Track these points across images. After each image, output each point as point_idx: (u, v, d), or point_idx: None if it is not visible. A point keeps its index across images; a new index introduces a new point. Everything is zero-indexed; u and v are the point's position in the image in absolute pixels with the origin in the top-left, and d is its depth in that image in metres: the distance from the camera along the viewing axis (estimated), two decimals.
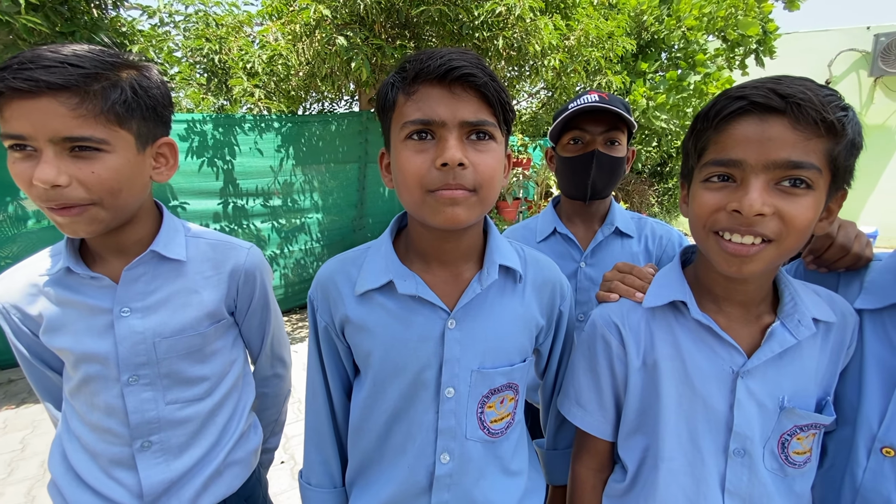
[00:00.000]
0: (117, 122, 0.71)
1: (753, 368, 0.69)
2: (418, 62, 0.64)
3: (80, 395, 0.84)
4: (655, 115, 5.62)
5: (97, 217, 0.72)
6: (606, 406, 0.80)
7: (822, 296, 0.73)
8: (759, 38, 6.03)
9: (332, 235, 4.90)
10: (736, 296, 0.71)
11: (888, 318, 0.71)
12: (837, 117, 0.57)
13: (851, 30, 7.76)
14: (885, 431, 0.68)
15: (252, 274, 0.95)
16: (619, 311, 0.79)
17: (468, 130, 0.65)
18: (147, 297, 0.83)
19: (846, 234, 0.77)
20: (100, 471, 0.84)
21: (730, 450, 0.69)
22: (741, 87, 0.62)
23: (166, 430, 0.85)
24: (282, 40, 3.36)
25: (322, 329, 0.81)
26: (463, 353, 0.74)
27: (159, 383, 0.84)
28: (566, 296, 0.87)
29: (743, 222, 0.60)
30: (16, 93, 0.63)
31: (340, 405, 0.85)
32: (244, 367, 1.00)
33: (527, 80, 4.23)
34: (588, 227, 1.23)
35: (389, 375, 0.75)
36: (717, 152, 0.62)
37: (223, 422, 0.92)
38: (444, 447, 0.75)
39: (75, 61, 0.66)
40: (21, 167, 0.67)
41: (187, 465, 0.87)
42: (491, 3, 3.07)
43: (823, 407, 0.70)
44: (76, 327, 0.80)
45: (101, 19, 3.49)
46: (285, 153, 4.26)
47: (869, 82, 7.73)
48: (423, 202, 0.66)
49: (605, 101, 1.09)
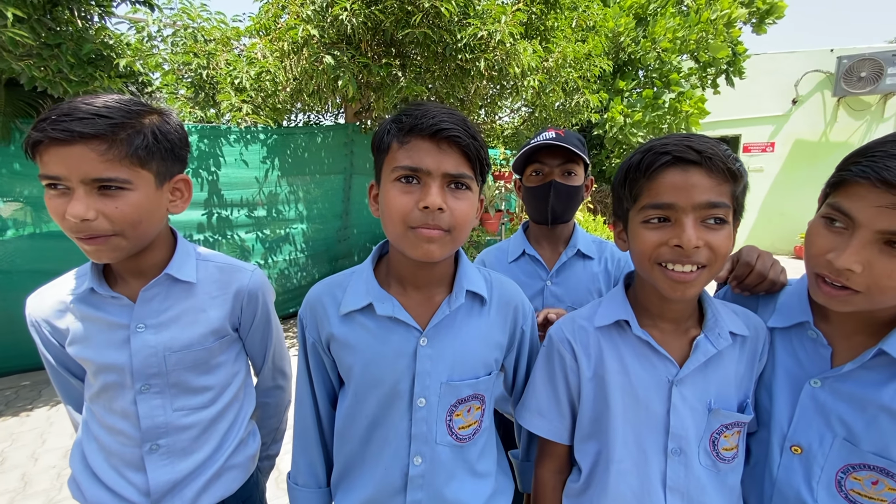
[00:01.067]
0: (139, 163, 0.81)
1: (685, 377, 0.80)
2: (413, 118, 0.75)
3: (99, 401, 0.94)
4: (632, 132, 5.84)
5: (119, 245, 0.82)
6: (564, 413, 0.90)
7: (739, 314, 0.86)
8: (729, 59, 6.33)
9: (316, 245, 4.93)
10: (669, 314, 0.84)
11: (794, 335, 0.83)
12: (737, 167, 0.73)
13: (816, 52, 8.16)
14: (793, 432, 0.79)
15: (255, 294, 1.04)
16: (572, 328, 0.90)
17: (449, 180, 0.76)
18: (160, 314, 0.93)
19: (763, 263, 0.91)
20: (113, 470, 0.93)
21: (668, 449, 0.80)
22: (663, 143, 0.75)
23: (173, 434, 0.94)
24: (269, 57, 3.42)
25: (310, 345, 0.91)
26: (433, 367, 0.84)
27: (168, 392, 0.94)
28: (528, 316, 0.98)
29: (683, 254, 0.73)
30: (54, 141, 0.74)
31: (325, 413, 0.95)
32: (246, 378, 1.09)
33: (508, 98, 4.38)
34: (553, 249, 1.36)
35: (369, 387, 0.85)
36: (652, 197, 0.75)
37: (225, 428, 1.01)
38: (417, 451, 0.84)
39: (105, 112, 0.77)
40: (56, 203, 0.77)
41: (191, 467, 0.95)
42: (473, 28, 3.20)
43: (744, 408, 0.83)
44: (97, 340, 0.91)
45: (86, 30, 3.51)
46: (271, 164, 4.31)
47: (833, 102, 8.13)
48: (404, 236, 0.77)
49: (561, 137, 1.24)
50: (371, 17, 3.19)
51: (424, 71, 3.79)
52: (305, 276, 4.89)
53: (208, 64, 3.50)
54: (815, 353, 0.79)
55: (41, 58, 3.06)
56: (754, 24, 6.68)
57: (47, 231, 3.50)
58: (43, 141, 0.74)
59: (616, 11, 5.97)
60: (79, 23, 3.45)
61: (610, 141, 6.15)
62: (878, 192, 0.63)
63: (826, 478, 0.75)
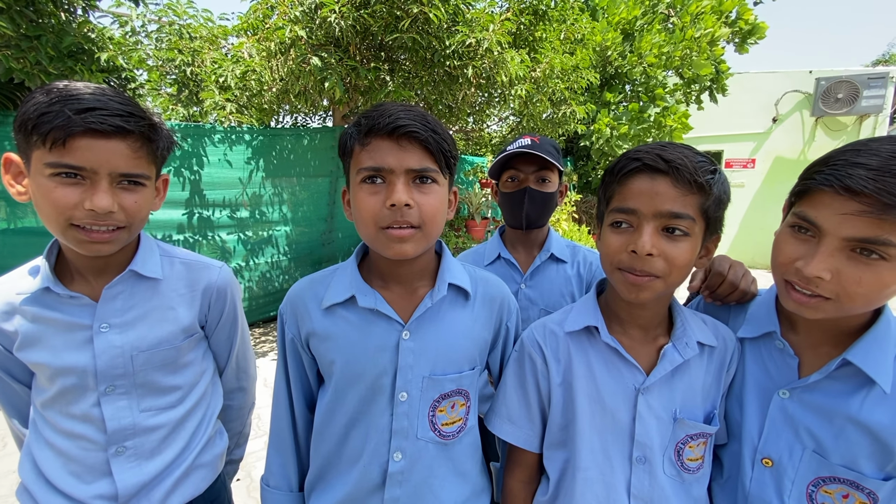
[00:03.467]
0: (154, 162, 0.86)
1: (651, 385, 0.80)
2: (371, 119, 0.76)
3: (54, 406, 0.89)
4: (618, 144, 5.93)
5: (121, 239, 0.83)
6: (535, 420, 0.89)
7: (708, 324, 0.86)
8: (712, 76, 6.49)
9: (299, 248, 4.87)
10: (637, 320, 0.84)
11: (762, 346, 0.83)
12: (706, 179, 0.72)
13: (795, 73, 8.40)
14: (764, 444, 0.78)
15: (223, 291, 1.03)
16: (543, 332, 0.90)
17: (413, 176, 0.77)
18: (125, 313, 0.89)
19: (735, 273, 0.91)
20: (72, 476, 0.88)
21: (633, 457, 0.80)
22: (637, 150, 0.76)
23: (140, 435, 0.91)
24: (256, 56, 3.40)
25: (289, 341, 0.89)
26: (416, 360, 0.83)
27: (134, 392, 0.90)
28: (512, 312, 0.97)
29: (637, 262, 0.73)
30: (89, 132, 0.74)
31: (301, 413, 0.93)
32: (213, 376, 1.07)
33: (496, 106, 4.41)
34: (528, 252, 1.38)
35: (350, 381, 0.84)
36: (620, 201, 0.76)
37: (192, 427, 0.98)
38: (398, 446, 0.83)
39: (138, 112, 0.80)
40: (65, 192, 0.75)
41: (159, 468, 0.92)
42: (461, 35, 3.22)
43: (711, 419, 0.82)
44: (53, 342, 0.86)
45: (68, 23, 3.44)
46: (255, 165, 4.25)
47: (811, 121, 8.37)
48: (376, 237, 0.78)
49: (536, 144, 1.26)
50: (360, 21, 3.18)
51: (413, 76, 3.80)
52: (287, 279, 4.82)
53: (193, 61, 3.46)
54: (782, 364, 0.79)
55: (19, 49, 2.99)
56: (737, 43, 6.85)
57: (22, 227, 3.40)
58: (76, 130, 0.73)
59: (604, 26, 6.08)
60: (62, 15, 3.39)
61: (596, 152, 6.23)
62: (841, 200, 0.64)
63: (797, 491, 0.74)
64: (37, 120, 0.72)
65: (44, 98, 0.73)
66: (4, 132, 3.30)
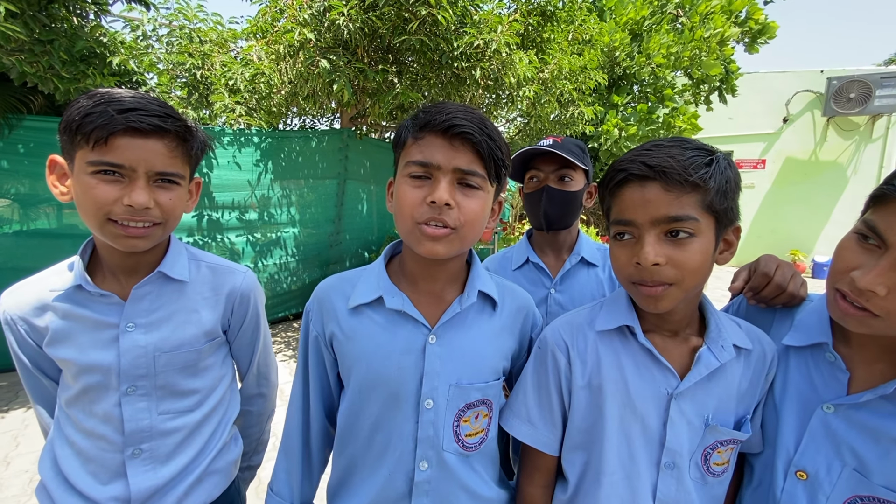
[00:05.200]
0: (188, 162, 0.89)
1: (685, 390, 0.76)
2: (429, 114, 0.76)
3: (78, 404, 0.90)
4: (626, 146, 5.88)
5: (154, 236, 0.85)
6: (556, 422, 0.86)
7: (743, 327, 0.82)
8: (721, 76, 6.42)
9: (307, 250, 4.89)
10: (666, 323, 0.81)
11: (810, 356, 0.79)
12: (699, 176, 0.68)
13: (806, 73, 8.32)
14: (800, 457, 0.75)
15: (247, 296, 1.03)
16: (570, 330, 0.86)
17: (459, 177, 0.76)
18: (151, 313, 0.91)
19: (782, 274, 0.86)
20: (90, 476, 0.89)
21: (661, 463, 0.77)
22: (622, 159, 0.74)
23: (157, 438, 0.91)
24: (265, 59, 3.42)
25: (312, 338, 0.88)
26: (442, 366, 0.81)
27: (154, 394, 0.91)
28: (538, 324, 0.96)
29: (646, 274, 0.70)
30: (129, 131, 0.77)
31: (317, 417, 0.91)
32: (232, 383, 1.07)
33: (504, 108, 4.40)
34: (557, 256, 1.33)
35: (373, 384, 0.82)
36: (617, 214, 0.75)
37: (209, 433, 0.98)
38: (423, 455, 0.81)
39: (174, 113, 0.84)
40: (106, 189, 0.79)
41: (173, 473, 0.92)
42: (469, 37, 3.21)
43: (742, 424, 0.79)
44: (81, 340, 0.87)
45: (81, 28, 3.48)
46: (264, 167, 4.28)
47: (822, 121, 8.27)
48: (411, 231, 0.77)
49: (557, 144, 1.23)
50: (368, 23, 3.19)
51: (420, 78, 3.80)
52: (296, 280, 4.84)
53: (203, 65, 3.48)
54: (831, 378, 0.75)
55: (32, 53, 3.03)
56: (747, 43, 6.78)
57: (34, 229, 3.44)
58: (118, 129, 0.76)
59: (612, 26, 6.04)
60: (74, 20, 3.43)
61: (605, 154, 6.19)
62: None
63: None
64: (81, 120, 0.76)
65: (88, 102, 0.77)
66: (19, 135, 3.34)
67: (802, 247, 8.51)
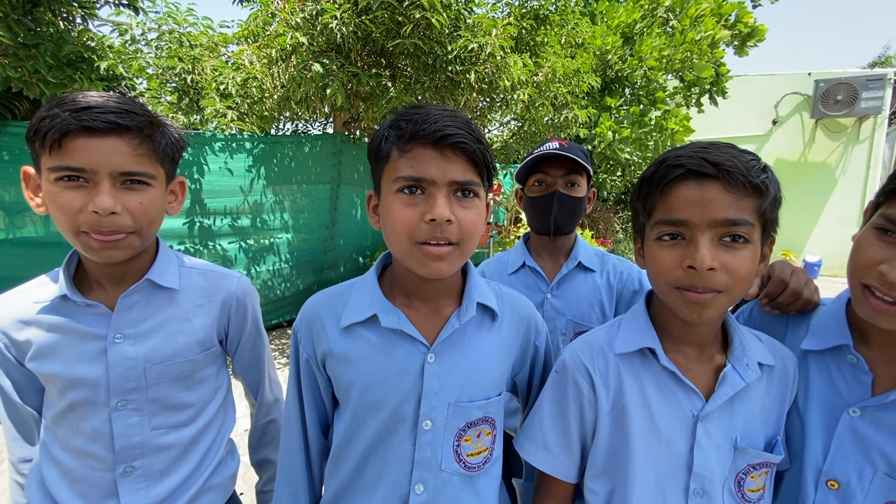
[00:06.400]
0: (159, 161, 0.83)
1: (711, 412, 0.73)
2: (414, 123, 0.69)
3: (64, 421, 0.86)
4: (620, 148, 5.90)
5: (131, 244, 0.80)
6: (573, 449, 0.82)
7: (765, 341, 0.80)
8: (712, 79, 6.48)
9: (301, 256, 4.83)
10: (692, 338, 0.77)
11: (830, 359, 0.77)
12: (761, 180, 0.65)
13: (795, 75, 8.42)
14: (830, 465, 0.73)
15: (243, 301, 1.00)
16: (590, 354, 0.82)
17: (455, 188, 0.71)
18: (140, 323, 0.87)
19: (797, 280, 0.85)
20: (79, 498, 0.85)
21: (690, 490, 0.73)
22: (677, 154, 0.69)
23: (149, 455, 0.88)
24: (257, 63, 3.37)
25: (304, 361, 0.83)
26: (441, 386, 0.77)
27: (146, 408, 0.87)
28: (541, 331, 0.92)
29: (696, 277, 0.66)
30: (84, 131, 0.72)
31: (315, 439, 0.87)
32: (227, 395, 1.03)
33: (498, 111, 4.39)
34: (554, 261, 1.32)
35: (370, 408, 0.78)
36: (666, 213, 0.69)
37: (204, 448, 0.94)
38: (419, 478, 0.77)
39: (136, 109, 0.78)
40: (70, 196, 0.74)
41: (167, 491, 0.88)
42: (464, 41, 3.20)
43: (773, 446, 0.76)
44: (66, 353, 0.83)
45: (67, 32, 3.41)
46: (256, 173, 4.22)
47: (811, 123, 8.38)
48: (410, 252, 0.71)
49: (565, 148, 1.21)
50: (361, 27, 3.16)
51: (414, 82, 3.77)
52: (289, 286, 4.78)
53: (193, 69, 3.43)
54: (853, 380, 0.74)
55: (17, 58, 2.96)
56: (736, 46, 6.86)
57: (20, 237, 3.36)
58: (72, 130, 0.72)
59: (604, 30, 6.08)
60: (60, 24, 3.37)
61: (598, 156, 6.21)
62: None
63: None
64: (37, 125, 0.73)
65: (46, 106, 0.74)
66: (3, 142, 3.26)
67: (794, 247, 8.59)
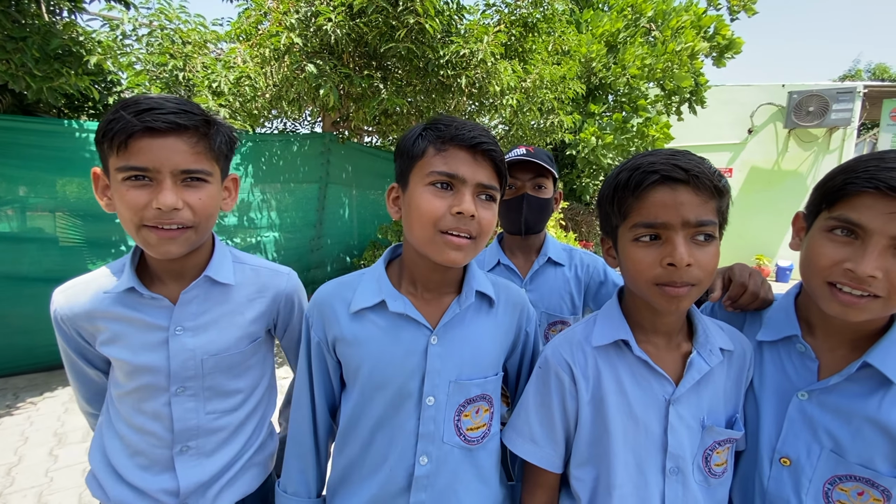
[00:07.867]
0: (215, 159, 0.87)
1: (681, 395, 0.80)
2: (454, 128, 0.80)
3: (128, 400, 0.93)
4: (603, 154, 6.06)
5: (189, 239, 0.85)
6: (558, 440, 0.87)
7: (725, 329, 0.89)
8: (691, 88, 6.71)
9: (288, 255, 4.83)
10: (661, 328, 0.84)
11: (782, 349, 0.85)
12: (722, 183, 0.74)
13: (769, 86, 8.73)
14: (782, 444, 0.80)
15: (291, 298, 1.07)
16: (570, 349, 0.87)
17: (479, 191, 0.81)
18: (198, 317, 0.93)
19: (755, 282, 0.94)
20: (139, 468, 0.92)
21: (666, 469, 0.80)
22: (650, 161, 0.75)
23: (204, 436, 0.95)
24: (249, 62, 3.39)
25: (315, 344, 0.91)
26: (443, 365, 0.85)
27: (202, 395, 0.94)
28: (532, 318, 1.01)
29: (676, 275, 0.73)
30: (147, 132, 0.77)
31: (323, 418, 0.94)
32: (271, 379, 1.10)
33: (486, 115, 4.48)
34: (526, 258, 1.43)
35: (377, 386, 0.85)
36: (642, 216, 0.75)
37: (250, 430, 1.02)
38: (423, 450, 0.84)
39: (193, 109, 0.82)
40: (135, 194, 0.79)
41: (218, 467, 0.95)
42: (455, 46, 3.27)
43: (734, 423, 0.84)
44: (132, 341, 0.90)
45: (53, 24, 3.36)
46: (244, 171, 4.22)
47: (784, 133, 8.70)
48: (431, 240, 0.80)
49: (531, 153, 1.33)
50: (355, 30, 3.21)
51: (406, 84, 3.83)
52: None
53: (184, 66, 3.42)
54: (802, 367, 0.82)
55: (4, 51, 2.91)
56: (715, 57, 7.10)
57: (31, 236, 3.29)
58: (136, 131, 0.76)
59: (589, 38, 6.23)
60: (45, 16, 3.32)
61: (582, 161, 6.36)
62: (886, 200, 0.67)
63: (814, 489, 0.77)
64: (105, 128, 0.78)
65: (112, 110, 0.79)
66: None
67: (766, 252, 8.90)
